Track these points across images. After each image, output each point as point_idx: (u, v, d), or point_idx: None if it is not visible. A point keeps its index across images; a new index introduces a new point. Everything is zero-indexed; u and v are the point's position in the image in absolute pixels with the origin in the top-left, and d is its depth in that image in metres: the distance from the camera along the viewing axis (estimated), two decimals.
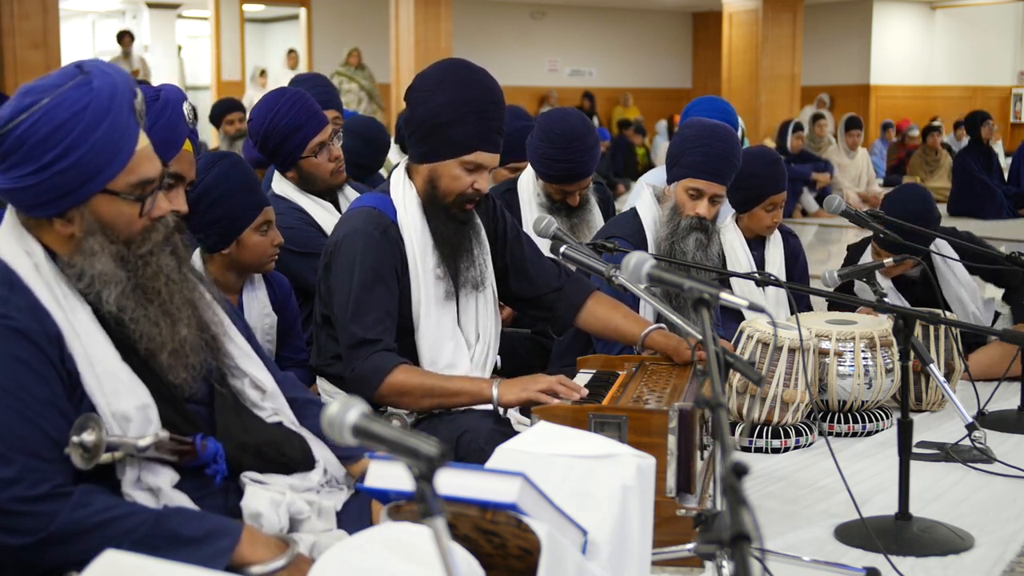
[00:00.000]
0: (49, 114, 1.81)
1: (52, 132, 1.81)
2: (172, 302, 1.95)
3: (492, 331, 2.90)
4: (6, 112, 1.82)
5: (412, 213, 2.77)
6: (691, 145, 3.39)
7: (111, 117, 1.85)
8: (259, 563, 1.82)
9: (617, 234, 3.44)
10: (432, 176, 2.74)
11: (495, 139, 2.72)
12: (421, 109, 2.70)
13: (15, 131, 1.81)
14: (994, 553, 2.57)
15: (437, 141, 2.69)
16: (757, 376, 2.31)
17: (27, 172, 1.82)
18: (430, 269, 2.76)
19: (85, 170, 1.84)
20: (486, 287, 2.87)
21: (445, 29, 12.55)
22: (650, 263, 2.15)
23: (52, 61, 9.25)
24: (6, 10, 9.05)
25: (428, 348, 2.76)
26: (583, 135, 3.77)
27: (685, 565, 2.38)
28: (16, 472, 1.72)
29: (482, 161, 2.70)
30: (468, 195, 2.74)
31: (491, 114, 2.69)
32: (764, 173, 3.90)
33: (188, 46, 18.93)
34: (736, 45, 14.90)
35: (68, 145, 1.81)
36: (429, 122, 2.68)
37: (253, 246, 2.98)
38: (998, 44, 19.31)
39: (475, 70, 2.73)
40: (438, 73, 2.72)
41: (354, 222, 2.77)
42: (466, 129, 2.66)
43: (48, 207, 1.86)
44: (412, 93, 2.74)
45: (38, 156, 1.81)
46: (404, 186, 2.79)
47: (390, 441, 1.35)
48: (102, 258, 1.87)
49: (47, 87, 1.84)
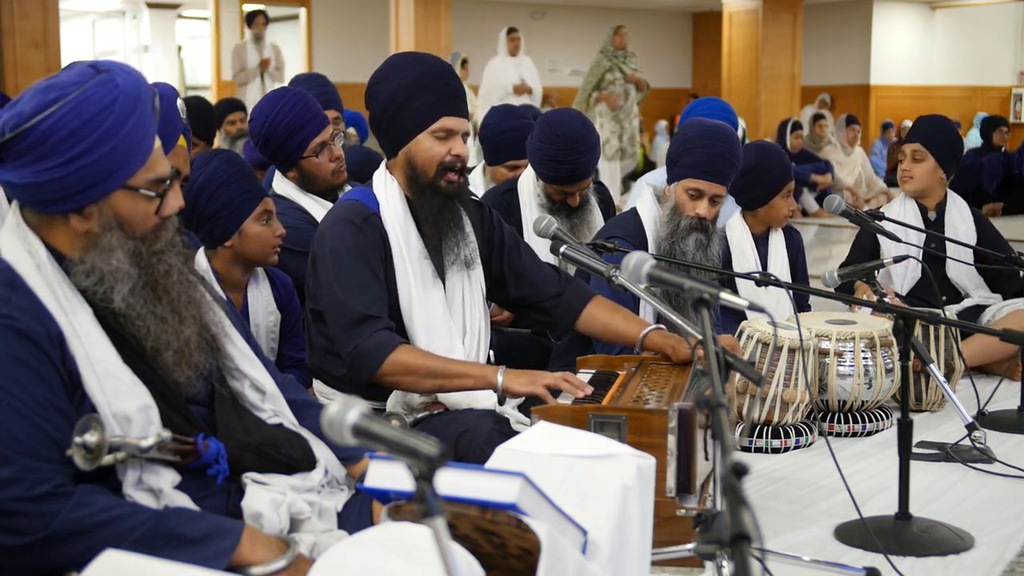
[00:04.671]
0: (77, 108, 1.83)
1: (81, 126, 1.83)
2: (179, 301, 1.97)
3: (480, 322, 2.90)
4: (28, 108, 1.83)
5: (394, 203, 2.79)
6: (691, 145, 3.39)
7: (137, 113, 1.88)
8: (259, 564, 1.82)
9: (617, 234, 3.44)
10: (409, 159, 2.77)
11: (456, 104, 2.76)
12: (379, 101, 2.76)
13: (41, 125, 1.82)
14: (994, 553, 2.57)
15: (402, 122, 2.74)
16: (757, 376, 2.31)
17: (52, 166, 1.83)
18: (415, 254, 2.77)
19: (109, 165, 1.86)
20: (473, 269, 2.88)
21: (445, 29, 12.54)
22: (650, 263, 2.15)
23: (52, 61, 9.23)
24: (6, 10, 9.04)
25: (423, 333, 2.75)
26: (583, 136, 3.77)
27: (685, 565, 2.38)
28: (16, 472, 1.73)
29: (450, 126, 2.74)
30: (448, 162, 2.75)
31: (443, 81, 2.75)
32: (775, 165, 4.01)
33: (188, 46, 18.92)
34: (736, 45, 14.89)
35: (96, 140, 1.83)
36: (389, 109, 2.74)
37: (255, 236, 3.04)
38: (998, 44, 19.29)
39: (417, 53, 2.85)
40: (384, 66, 2.81)
41: (336, 214, 2.80)
42: (424, 100, 2.71)
43: (68, 202, 1.87)
44: (368, 92, 2.81)
45: (65, 150, 1.82)
46: (386, 180, 2.82)
47: (390, 441, 1.35)
48: (118, 254, 1.89)
49: (69, 83, 1.85)
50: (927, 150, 4.45)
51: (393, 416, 2.69)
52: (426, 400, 2.79)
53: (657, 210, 3.51)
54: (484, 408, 2.74)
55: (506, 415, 2.73)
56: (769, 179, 3.98)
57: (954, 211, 4.54)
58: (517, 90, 10.85)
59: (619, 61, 10.72)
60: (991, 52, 19.18)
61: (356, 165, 4.14)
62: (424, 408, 2.79)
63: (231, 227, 3.01)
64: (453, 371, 2.64)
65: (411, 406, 2.79)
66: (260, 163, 4.42)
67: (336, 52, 14.84)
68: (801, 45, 15.03)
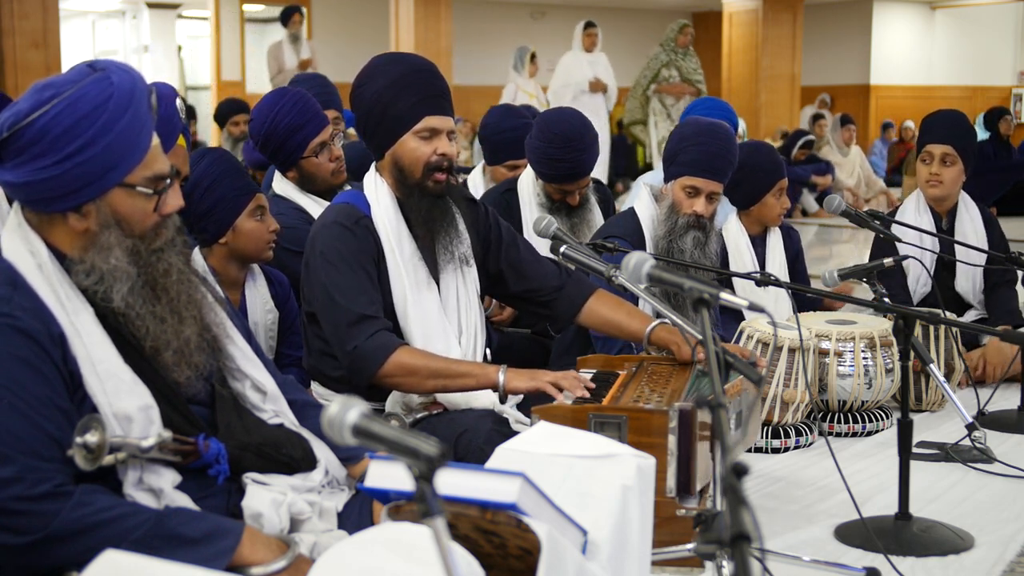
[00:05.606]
0: (72, 106, 1.83)
1: (75, 123, 1.83)
2: (179, 300, 1.97)
3: (476, 322, 2.89)
4: (24, 106, 1.84)
5: (384, 204, 2.79)
6: (687, 143, 3.40)
7: (132, 110, 1.88)
8: (260, 564, 1.82)
9: (615, 234, 3.45)
10: (396, 160, 2.77)
11: (439, 103, 2.76)
12: (364, 103, 2.76)
13: (37, 123, 1.82)
14: (994, 553, 2.57)
15: (386, 124, 2.74)
16: (757, 376, 2.31)
17: (49, 163, 1.83)
18: (408, 256, 2.77)
19: (105, 162, 1.87)
20: (468, 267, 2.87)
21: (445, 29, 12.53)
22: (650, 263, 2.15)
23: (52, 61, 9.23)
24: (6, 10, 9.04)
25: (419, 334, 2.75)
26: (581, 134, 3.77)
27: (685, 565, 2.38)
28: (17, 471, 1.73)
29: (434, 125, 2.74)
30: (434, 162, 2.75)
31: (425, 80, 2.74)
32: (764, 163, 3.97)
33: (188, 46, 18.90)
34: (736, 45, 14.88)
35: (91, 136, 1.84)
36: (374, 111, 2.74)
37: (249, 232, 3.05)
38: (998, 44, 19.28)
39: (400, 53, 2.85)
40: (366, 68, 2.81)
41: (326, 217, 2.81)
42: (407, 100, 2.71)
43: (65, 200, 1.87)
44: (352, 95, 2.81)
45: (61, 147, 1.83)
46: (376, 183, 2.83)
47: (390, 441, 1.35)
48: (116, 252, 1.90)
49: (65, 82, 1.86)
50: (958, 153, 4.17)
51: (392, 416, 2.69)
52: (425, 400, 2.79)
53: (654, 209, 3.51)
54: (483, 408, 2.74)
55: (506, 415, 2.73)
56: (760, 176, 3.94)
57: (965, 216, 4.33)
58: (592, 87, 10.34)
59: (678, 58, 10.35)
60: (991, 52, 19.17)
61: (357, 162, 4.14)
62: (423, 408, 2.79)
63: (225, 224, 3.02)
64: (455, 371, 2.63)
65: (410, 406, 2.79)
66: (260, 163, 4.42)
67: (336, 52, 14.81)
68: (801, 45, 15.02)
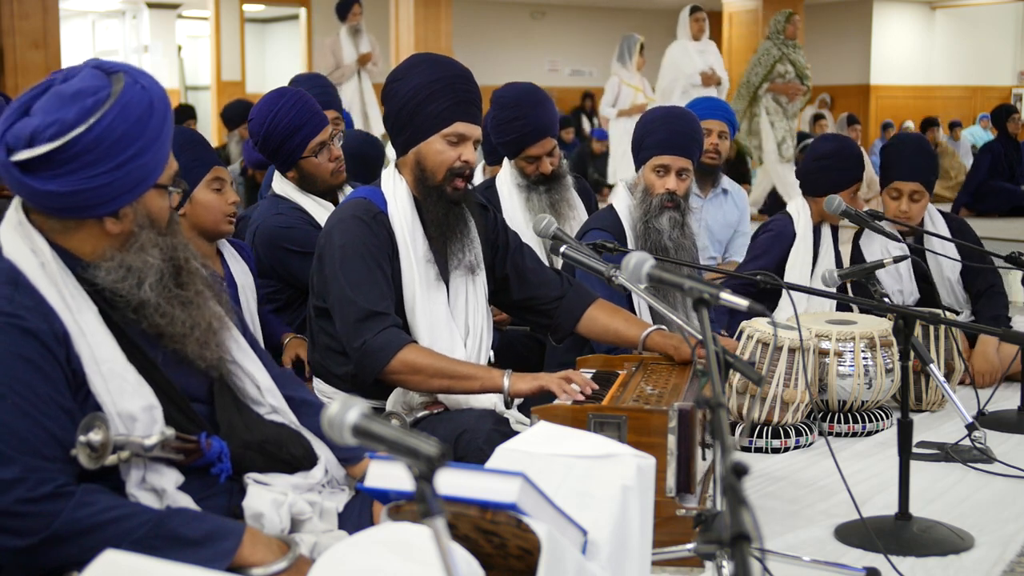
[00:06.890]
0: (123, 113, 1.84)
1: (128, 130, 1.85)
2: (200, 284, 2.01)
3: (483, 325, 2.90)
4: (70, 116, 1.82)
5: (402, 202, 2.79)
6: (653, 127, 3.54)
7: (168, 111, 1.92)
8: (260, 564, 1.82)
9: (595, 227, 3.54)
10: (419, 159, 2.78)
11: (471, 111, 2.77)
12: (396, 99, 2.77)
13: (92, 131, 1.82)
14: (994, 553, 2.57)
15: (416, 122, 2.75)
16: (757, 376, 2.31)
17: (103, 170, 1.84)
18: (420, 256, 2.78)
19: (152, 165, 1.90)
20: (477, 273, 2.89)
21: (445, 29, 12.53)
22: (650, 263, 2.15)
23: (52, 61, 9.22)
24: (6, 10, 9.03)
25: (425, 333, 2.76)
26: (530, 92, 3.89)
27: (685, 565, 2.38)
28: (19, 472, 1.73)
29: (463, 131, 2.75)
30: (457, 168, 2.76)
31: (462, 87, 2.75)
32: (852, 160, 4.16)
33: (188, 46, 18.92)
34: (736, 45, 14.87)
35: (144, 142, 1.87)
36: (406, 108, 2.75)
37: (206, 204, 3.01)
38: (998, 44, 19.30)
39: (439, 55, 2.85)
40: (405, 65, 2.81)
41: (344, 211, 2.81)
42: (441, 103, 2.72)
43: (109, 205, 1.89)
44: (386, 89, 2.82)
45: (116, 153, 1.84)
46: (394, 179, 2.83)
47: (390, 441, 1.35)
48: (152, 251, 1.93)
49: (95, 87, 1.86)
50: (925, 187, 4.14)
51: (393, 416, 2.69)
52: (426, 400, 2.79)
53: (630, 198, 3.59)
54: (484, 408, 2.74)
55: (506, 415, 2.73)
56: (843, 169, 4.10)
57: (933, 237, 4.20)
58: (705, 80, 9.05)
59: (791, 51, 9.27)
60: (991, 52, 19.18)
61: (356, 148, 4.16)
62: (424, 408, 2.79)
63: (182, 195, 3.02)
64: (461, 372, 2.64)
65: (411, 406, 2.79)
66: (260, 163, 4.42)
67: None
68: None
